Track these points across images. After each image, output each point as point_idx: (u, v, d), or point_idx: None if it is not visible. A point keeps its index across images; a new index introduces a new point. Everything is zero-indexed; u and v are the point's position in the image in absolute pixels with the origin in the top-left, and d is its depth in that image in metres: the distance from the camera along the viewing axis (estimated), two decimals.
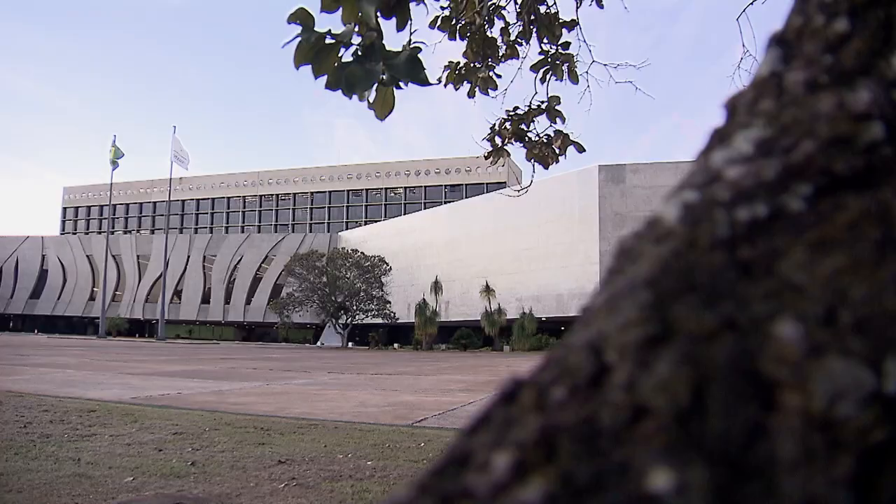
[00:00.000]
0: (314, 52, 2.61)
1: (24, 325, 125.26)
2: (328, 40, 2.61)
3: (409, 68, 2.63)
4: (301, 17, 2.62)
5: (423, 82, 2.73)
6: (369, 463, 7.01)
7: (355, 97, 2.65)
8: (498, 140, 6.02)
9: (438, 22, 5.15)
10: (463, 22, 5.35)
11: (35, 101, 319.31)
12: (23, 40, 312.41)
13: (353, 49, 2.64)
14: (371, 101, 2.82)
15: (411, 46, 2.79)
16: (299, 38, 2.60)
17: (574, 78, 5.58)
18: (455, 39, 5.28)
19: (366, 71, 2.57)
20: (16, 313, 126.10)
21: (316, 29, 2.62)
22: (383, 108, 2.89)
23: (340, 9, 2.77)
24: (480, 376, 24.39)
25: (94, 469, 6.47)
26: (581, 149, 5.65)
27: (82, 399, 12.63)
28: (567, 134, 5.63)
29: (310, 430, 9.23)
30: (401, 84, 2.81)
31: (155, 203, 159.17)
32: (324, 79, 2.71)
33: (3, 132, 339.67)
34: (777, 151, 0.57)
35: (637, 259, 0.54)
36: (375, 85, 2.69)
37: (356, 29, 2.70)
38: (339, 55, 2.63)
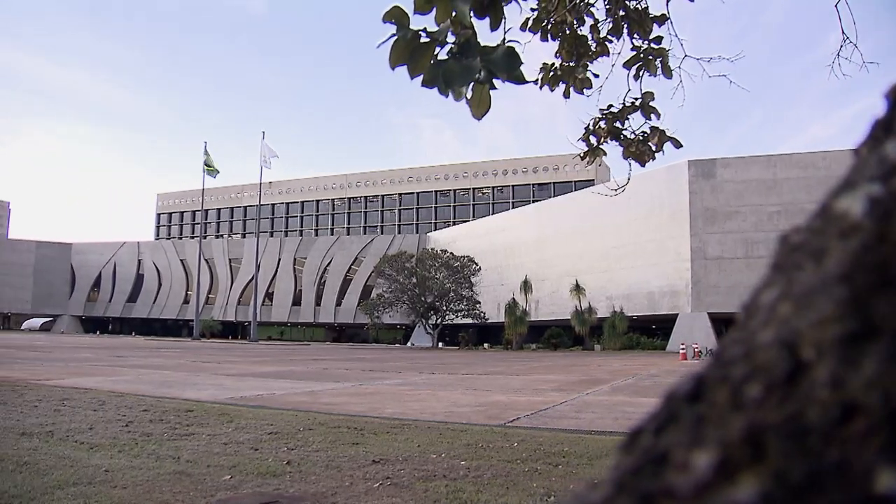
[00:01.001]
0: (409, 51, 2.60)
1: (121, 327, 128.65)
2: (423, 39, 2.61)
3: (507, 62, 2.60)
4: (396, 16, 2.62)
5: (520, 79, 2.70)
6: (463, 463, 7.00)
7: (451, 96, 2.64)
8: (593, 139, 5.96)
9: (529, 23, 5.12)
10: (553, 21, 5.31)
11: (129, 111, 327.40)
12: (118, 54, 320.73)
13: (448, 48, 2.63)
14: (468, 99, 2.80)
15: (504, 41, 2.77)
16: (394, 38, 2.60)
17: (668, 73, 5.50)
18: (546, 40, 5.25)
19: (463, 67, 2.55)
20: (114, 316, 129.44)
21: (411, 27, 2.62)
22: (480, 108, 2.87)
23: (434, 9, 2.76)
24: (572, 376, 24.21)
25: (193, 467, 6.60)
26: (678, 144, 5.57)
27: (179, 399, 12.89)
28: (663, 130, 5.55)
29: (402, 430, 9.26)
30: (495, 84, 2.79)
31: (246, 207, 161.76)
32: (418, 79, 2.70)
33: (103, 142, 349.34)
34: None
35: (820, 255, 0.53)
36: (471, 83, 2.67)
37: (447, 23, 2.68)
38: (435, 54, 2.62)
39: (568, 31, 5.48)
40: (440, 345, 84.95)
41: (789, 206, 59.58)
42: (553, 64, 5.49)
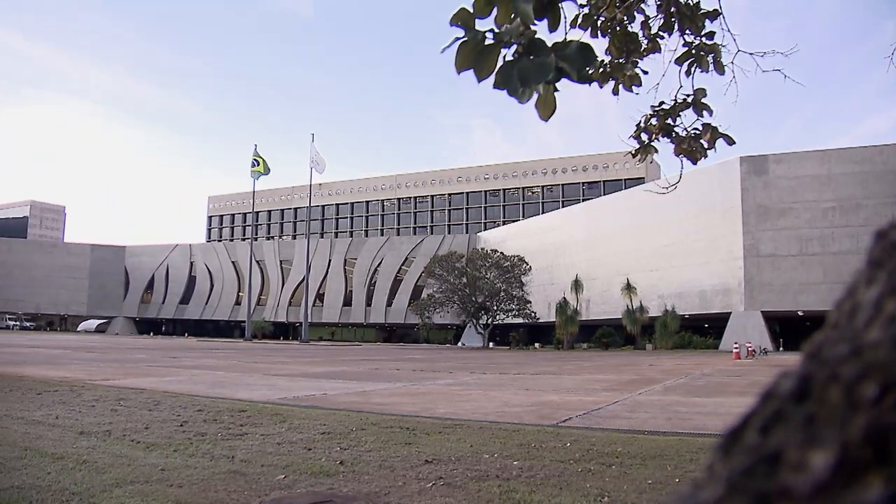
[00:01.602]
0: (476, 53, 2.59)
1: (174, 328, 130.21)
2: (488, 41, 2.59)
3: (581, 58, 2.57)
4: (463, 19, 2.61)
5: (588, 78, 2.68)
6: (515, 463, 6.98)
7: (517, 98, 2.62)
8: (644, 136, 5.91)
9: (579, 20, 5.09)
10: (604, 18, 5.28)
11: (180, 115, 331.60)
12: (171, 60, 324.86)
13: (513, 48, 2.61)
14: (536, 100, 2.79)
15: (567, 39, 2.75)
16: (460, 42, 2.59)
17: (720, 69, 5.43)
18: (597, 37, 5.21)
19: (537, 65, 2.53)
20: (167, 318, 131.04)
21: (476, 29, 2.60)
22: (547, 108, 2.85)
23: (494, 10, 2.74)
24: (624, 376, 24.07)
25: (247, 466, 6.66)
26: (731, 141, 5.49)
27: (232, 399, 13.01)
28: (716, 127, 5.48)
29: (455, 430, 9.26)
30: (556, 86, 2.77)
31: (296, 209, 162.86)
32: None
33: (155, 147, 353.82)
34: None
35: None
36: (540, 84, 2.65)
37: (515, 25, 2.66)
38: (502, 55, 2.60)
39: (618, 28, 5.43)
40: (491, 345, 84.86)
41: (844, 201, 58.71)
42: (602, 61, 5.45)
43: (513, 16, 2.66)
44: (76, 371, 20.68)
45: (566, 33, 3.07)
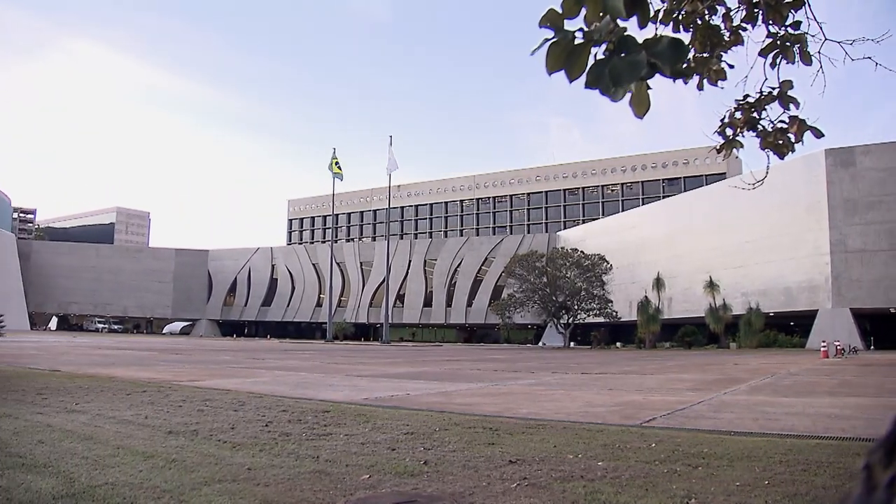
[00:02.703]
0: (566, 54, 2.57)
1: (256, 330, 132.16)
2: (578, 40, 2.57)
3: (673, 53, 2.54)
4: (552, 19, 2.59)
5: (683, 74, 2.65)
6: (600, 464, 6.92)
7: (610, 97, 2.59)
8: (729, 131, 5.80)
9: (660, 15, 5.02)
10: (685, 12, 5.20)
11: (259, 120, 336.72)
12: (249, 66, 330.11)
13: (603, 47, 2.58)
14: (630, 99, 2.76)
15: (657, 34, 2.71)
16: (549, 43, 2.57)
17: (807, 59, 5.30)
18: (678, 31, 5.13)
19: (629, 63, 2.50)
20: (249, 320, 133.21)
21: (566, 29, 2.58)
22: (641, 106, 2.82)
23: (583, 10, 2.72)
24: (708, 375, 23.75)
25: (332, 466, 6.70)
26: (819, 134, 5.36)
27: (316, 400, 13.12)
28: (803, 120, 5.35)
29: (538, 431, 9.21)
30: (649, 84, 2.74)
31: (375, 211, 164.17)
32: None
33: (235, 151, 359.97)
34: None
35: None
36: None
37: (604, 22, 2.63)
38: (592, 54, 2.58)
39: (700, 22, 5.35)
40: (572, 344, 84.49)
41: None
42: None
43: (602, 13, 2.62)
44: (163, 372, 21.11)
45: (656, 29, 3.03)
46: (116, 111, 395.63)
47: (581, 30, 2.58)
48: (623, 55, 2.52)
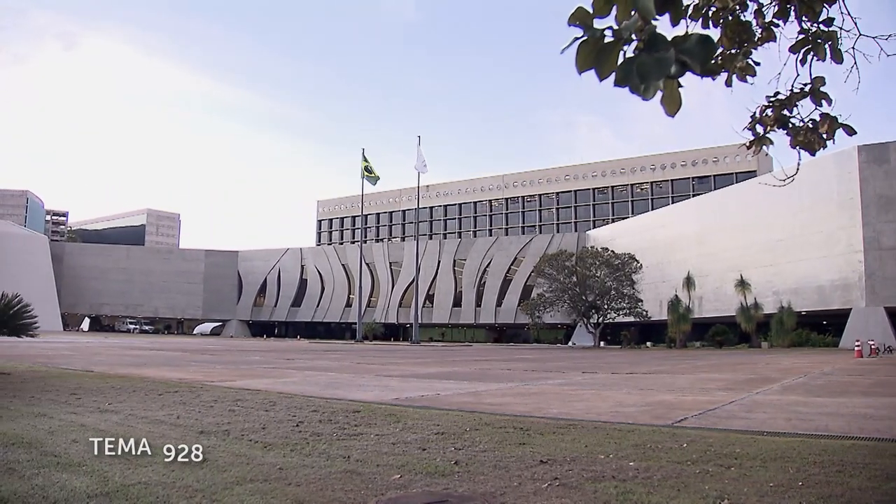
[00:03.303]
0: (596, 52, 2.57)
1: (286, 331, 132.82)
2: (608, 39, 2.57)
3: (703, 51, 2.53)
4: (581, 18, 2.60)
5: (713, 72, 2.65)
6: (631, 464, 6.88)
7: (641, 95, 2.59)
8: (759, 128, 5.75)
9: (690, 11, 4.99)
10: (715, 8, 5.16)
11: (286, 120, 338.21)
12: (279, 69, 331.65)
13: (633, 45, 2.58)
14: (661, 98, 2.76)
15: (687, 32, 2.70)
16: (579, 42, 2.58)
17: (838, 57, 5.24)
18: (708, 27, 5.10)
19: (656, 60, 2.49)
20: (279, 320, 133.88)
21: (595, 27, 2.59)
22: (672, 104, 2.81)
23: (614, 9, 2.71)
24: (739, 374, 23.60)
25: (363, 466, 6.71)
26: (851, 131, 5.29)
27: (346, 400, 13.13)
28: (835, 117, 5.29)
29: (569, 431, 9.18)
30: (680, 82, 2.74)
31: (404, 211, 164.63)
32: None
33: (263, 152, 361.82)
34: None
35: None
36: (661, 81, 2.62)
37: (633, 20, 2.62)
38: (622, 52, 2.58)
39: (730, 17, 5.30)
40: (601, 344, 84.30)
41: None
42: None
43: (633, 12, 2.61)
44: (194, 372, 21.23)
45: (687, 27, 3.02)
46: (148, 113, 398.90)
47: (610, 28, 2.57)
48: (651, 52, 2.51)
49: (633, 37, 2.56)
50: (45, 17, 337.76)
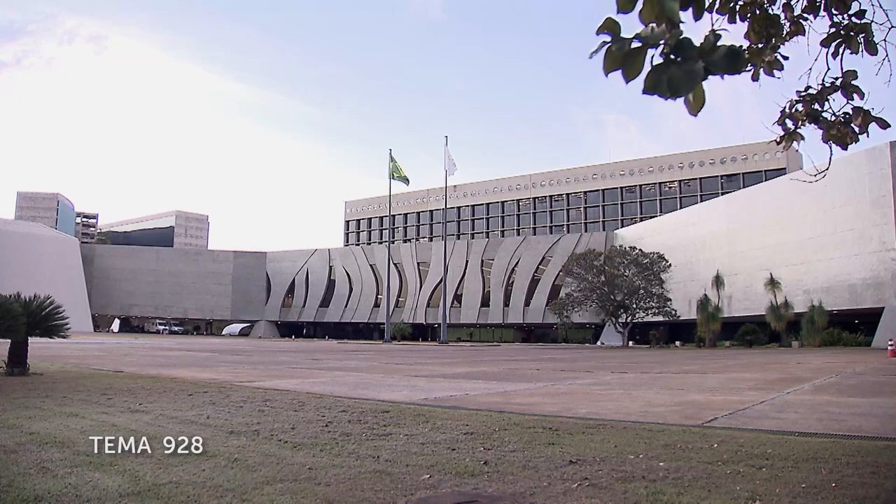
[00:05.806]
0: (622, 56, 2.62)
1: (315, 331, 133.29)
2: (635, 44, 2.59)
3: (729, 63, 2.57)
4: (609, 27, 2.66)
5: (734, 71, 2.67)
6: (661, 464, 6.84)
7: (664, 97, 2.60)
8: (790, 123, 5.68)
9: (717, 5, 4.93)
10: (743, 2, 5.10)
11: (314, 121, 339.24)
12: (305, 70, 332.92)
13: (660, 49, 2.60)
14: (685, 97, 2.77)
15: (713, 34, 2.71)
16: (606, 47, 2.63)
17: (872, 49, 5.16)
18: (734, 21, 5.04)
19: (687, 73, 2.53)
20: (307, 321, 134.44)
21: (623, 36, 2.65)
22: (696, 104, 2.83)
23: (639, 5, 2.73)
24: (770, 374, 23.42)
25: (392, 466, 6.71)
26: (885, 125, 5.21)
27: (375, 400, 13.15)
28: (868, 110, 5.22)
29: (598, 431, 9.14)
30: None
31: (432, 211, 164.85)
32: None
33: (291, 153, 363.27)
34: None
35: None
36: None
37: (661, 27, 2.65)
38: (649, 56, 2.61)
39: (758, 12, 5.24)
40: (630, 343, 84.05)
41: None
42: (740, 46, 5.25)
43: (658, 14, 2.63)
44: (223, 373, 21.35)
45: (712, 22, 3.03)
46: (176, 116, 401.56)
47: (637, 36, 2.60)
48: (681, 64, 2.54)
49: (659, 42, 2.59)
50: (74, 20, 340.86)
